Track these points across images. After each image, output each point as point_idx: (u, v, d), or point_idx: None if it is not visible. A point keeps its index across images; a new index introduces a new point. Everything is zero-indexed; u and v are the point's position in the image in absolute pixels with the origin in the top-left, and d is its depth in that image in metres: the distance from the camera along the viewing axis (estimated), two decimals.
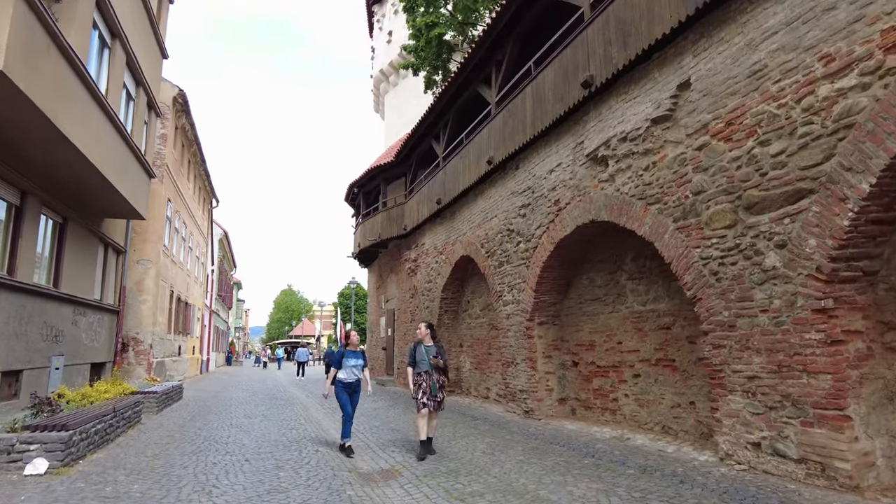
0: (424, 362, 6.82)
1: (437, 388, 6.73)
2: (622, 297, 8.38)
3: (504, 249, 10.68)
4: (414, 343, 7.09)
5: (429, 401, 6.67)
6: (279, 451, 7.04)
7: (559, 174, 8.84)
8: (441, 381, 6.84)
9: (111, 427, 7.16)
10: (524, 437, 7.92)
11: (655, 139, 6.81)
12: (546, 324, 9.69)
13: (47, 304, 10.42)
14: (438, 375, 6.80)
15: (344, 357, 7.19)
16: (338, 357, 7.19)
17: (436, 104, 13.77)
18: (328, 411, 11.60)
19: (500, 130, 10.64)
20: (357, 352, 7.33)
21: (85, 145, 9.05)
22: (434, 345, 6.97)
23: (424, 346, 6.95)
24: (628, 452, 6.62)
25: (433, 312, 14.84)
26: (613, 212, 7.48)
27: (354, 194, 22.23)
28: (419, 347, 6.95)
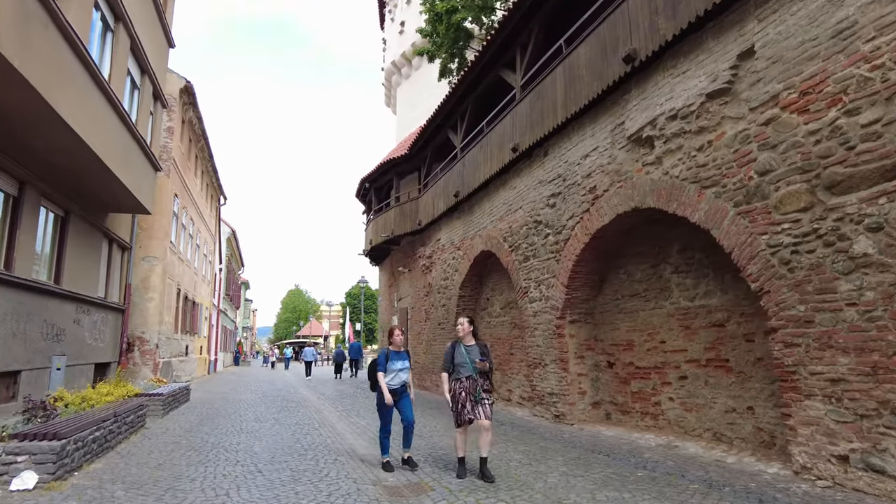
0: (466, 366, 5.63)
1: (481, 396, 5.55)
2: (666, 292, 7.70)
3: (530, 243, 10.01)
4: (451, 342, 5.88)
5: (473, 413, 5.51)
6: (294, 461, 6.42)
7: (595, 159, 8.17)
8: (486, 386, 5.67)
9: (111, 434, 6.56)
10: (560, 444, 7.26)
11: (711, 116, 6.13)
12: (578, 322, 9.02)
13: (48, 302, 9.86)
14: (483, 381, 5.64)
15: (389, 358, 6.13)
16: (382, 359, 6.14)
17: (454, 92, 13.13)
18: (342, 414, 10.99)
19: (525, 116, 9.98)
20: (402, 352, 6.24)
21: (85, 131, 8.49)
22: (477, 344, 5.81)
23: (465, 345, 5.76)
24: (683, 463, 5.94)
25: (450, 311, 14.19)
26: (661, 198, 6.80)
27: (366, 190, 21.61)
28: (458, 347, 5.77)
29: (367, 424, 9.43)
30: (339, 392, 16.49)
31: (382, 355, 6.16)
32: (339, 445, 7.51)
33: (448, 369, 5.81)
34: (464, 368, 5.65)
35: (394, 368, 6.11)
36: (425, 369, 16.19)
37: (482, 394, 5.57)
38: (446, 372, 5.83)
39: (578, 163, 8.56)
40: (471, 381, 5.60)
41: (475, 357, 5.67)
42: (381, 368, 6.08)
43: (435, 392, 14.96)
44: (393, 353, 6.16)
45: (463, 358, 5.69)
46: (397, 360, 6.15)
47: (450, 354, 5.82)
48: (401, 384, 6.16)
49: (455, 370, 5.73)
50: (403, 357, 6.23)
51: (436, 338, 15.24)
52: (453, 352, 5.79)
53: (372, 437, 8.21)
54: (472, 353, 5.72)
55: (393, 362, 6.12)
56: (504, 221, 11.15)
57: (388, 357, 6.13)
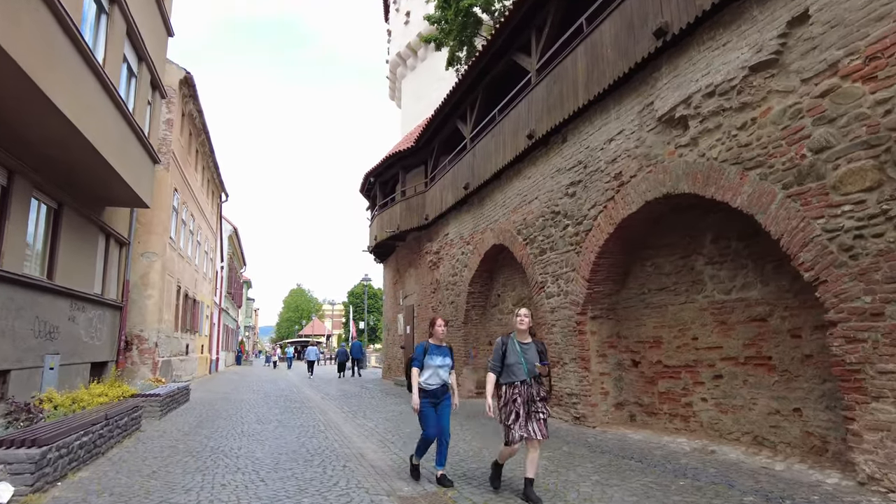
0: (521, 367, 4.58)
1: (537, 406, 4.59)
2: (698, 285, 7.17)
3: (547, 235, 9.48)
4: (501, 339, 4.81)
5: (526, 428, 4.49)
6: (300, 468, 5.90)
7: (621, 143, 7.63)
8: (542, 394, 4.69)
9: (102, 438, 6.05)
10: (586, 449, 6.73)
11: (756, 90, 5.59)
12: (600, 318, 8.49)
13: (40, 298, 9.37)
14: (538, 388, 4.67)
15: (427, 353, 5.20)
16: (420, 353, 5.25)
17: (463, 80, 12.60)
18: (348, 415, 10.48)
19: (542, 100, 9.44)
20: (444, 347, 5.31)
21: (78, 118, 8.01)
22: (534, 342, 4.76)
23: (520, 343, 4.69)
24: (726, 470, 5.41)
25: (459, 308, 13.68)
26: (697, 182, 6.27)
27: (370, 185, 21.09)
28: (511, 345, 4.69)
29: (374, 426, 8.92)
30: (343, 392, 15.99)
31: (420, 349, 5.27)
32: (346, 450, 6.99)
33: (496, 370, 4.74)
34: (518, 371, 4.62)
35: (432, 364, 5.17)
36: None
37: (538, 404, 4.59)
38: (494, 373, 4.75)
39: (602, 148, 8.02)
40: (526, 388, 4.60)
41: (532, 358, 4.64)
42: (416, 364, 5.23)
43: None
44: (433, 347, 5.25)
45: (517, 358, 4.64)
46: (437, 356, 5.22)
47: (500, 352, 4.72)
48: (441, 384, 5.21)
49: (505, 372, 4.69)
50: (445, 352, 5.29)
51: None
52: (505, 349, 4.71)
53: (381, 439, 7.70)
54: (528, 352, 4.67)
55: (432, 357, 5.20)
56: (518, 213, 10.62)
57: (427, 351, 5.21)
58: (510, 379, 4.65)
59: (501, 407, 4.63)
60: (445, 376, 5.24)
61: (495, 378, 4.75)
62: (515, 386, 4.63)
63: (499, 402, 4.68)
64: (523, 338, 4.75)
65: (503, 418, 4.63)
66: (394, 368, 20.96)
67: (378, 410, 11.14)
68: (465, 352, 13.35)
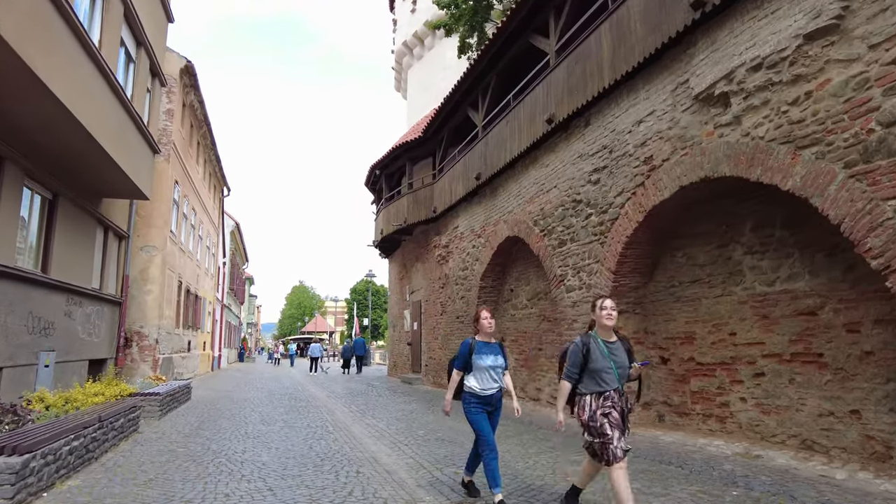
0: (610, 373, 3.71)
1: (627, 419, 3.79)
2: (736, 276, 6.67)
3: (567, 225, 8.98)
4: (580, 339, 3.85)
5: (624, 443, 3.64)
6: (310, 474, 5.42)
7: (652, 125, 7.12)
8: (630, 406, 3.86)
9: (95, 442, 5.57)
10: None
11: (811, 61, 5.08)
12: (626, 313, 7.98)
13: (34, 292, 8.91)
14: (628, 397, 3.85)
15: (474, 352, 4.35)
16: (464, 352, 4.40)
17: (475, 65, 12.08)
18: (356, 415, 10.01)
19: (562, 82, 8.93)
20: (493, 344, 4.48)
21: (71, 100, 7.54)
22: (619, 341, 3.91)
23: (605, 342, 3.79)
24: (780, 479, 4.92)
25: (470, 303, 13.19)
26: (740, 163, 5.76)
27: (376, 177, 20.58)
28: (595, 345, 3.75)
29: (384, 427, 8.45)
30: (349, 390, 15.53)
31: (465, 347, 4.40)
32: (358, 454, 6.52)
33: (574, 377, 3.80)
34: (608, 377, 3.71)
35: (481, 364, 4.32)
36: (441, 366, 15.19)
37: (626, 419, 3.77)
38: (571, 382, 3.81)
39: (630, 131, 7.51)
40: (620, 398, 3.73)
41: (622, 361, 3.78)
42: (457, 365, 4.44)
43: None
44: (480, 345, 4.38)
45: (605, 361, 3.71)
46: (487, 354, 4.35)
47: (580, 355, 3.76)
48: (497, 389, 4.38)
49: (588, 379, 3.75)
50: (496, 350, 4.43)
51: (453, 332, 14.23)
52: (587, 352, 3.75)
53: (393, 441, 7.23)
54: (616, 354, 3.78)
55: (481, 356, 4.33)
56: (534, 203, 10.12)
57: (474, 350, 4.33)
58: (599, 388, 3.71)
59: (588, 422, 3.70)
60: (499, 378, 4.40)
61: (570, 387, 3.82)
62: (609, 396, 3.69)
63: (580, 415, 3.78)
64: (608, 336, 3.84)
65: (593, 434, 3.67)
66: (400, 366, 20.51)
67: (387, 410, 10.67)
68: None
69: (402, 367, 19.98)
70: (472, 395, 4.38)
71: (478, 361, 4.35)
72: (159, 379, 11.94)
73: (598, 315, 3.85)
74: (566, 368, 3.87)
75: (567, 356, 3.90)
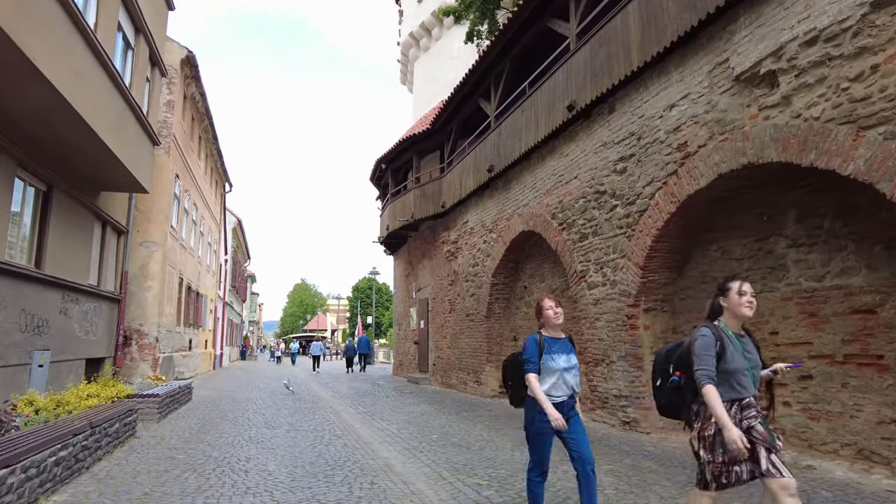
0: (747, 375, 2.89)
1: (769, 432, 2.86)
2: (779, 271, 6.18)
3: (589, 218, 8.49)
4: (709, 329, 2.97)
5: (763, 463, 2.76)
6: (321, 486, 4.95)
7: (685, 109, 6.63)
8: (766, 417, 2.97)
9: (86, 451, 5.11)
10: (653, 461, 5.76)
11: (879, 31, 4.58)
12: (654, 310, 7.51)
13: (26, 288, 8.47)
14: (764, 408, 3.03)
15: (544, 349, 3.56)
16: (535, 351, 3.56)
17: (488, 53, 11.58)
18: (364, 416, 9.55)
19: (584, 67, 8.44)
20: (564, 340, 3.70)
21: (64, 85, 7.10)
22: (748, 335, 3.06)
23: (737, 336, 2.97)
24: (844, 494, 4.44)
25: (481, 301, 12.71)
26: (790, 147, 5.27)
27: (381, 172, 20.09)
28: (730, 341, 2.93)
29: (396, 431, 7.98)
30: (354, 390, 15.08)
31: (533, 344, 3.60)
32: (370, 461, 6.05)
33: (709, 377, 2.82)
34: (745, 380, 2.88)
35: (555, 367, 3.55)
36: (450, 365, 14.74)
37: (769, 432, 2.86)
38: (714, 382, 2.81)
39: (661, 116, 7.02)
40: (756, 406, 2.92)
41: (756, 358, 2.98)
42: (532, 367, 3.57)
43: (463, 390, 13.52)
44: (549, 341, 3.62)
45: (741, 360, 2.89)
46: (559, 352, 3.59)
47: (710, 351, 2.87)
48: (568, 395, 3.60)
49: (724, 382, 2.87)
50: (568, 347, 3.68)
51: (463, 330, 13.76)
52: (721, 348, 2.88)
53: (406, 447, 6.77)
54: (749, 350, 2.97)
55: (552, 356, 3.57)
56: (552, 195, 9.63)
57: (543, 347, 3.58)
58: (736, 394, 2.86)
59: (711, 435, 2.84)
60: (574, 382, 3.63)
61: (713, 391, 2.78)
62: (749, 405, 2.87)
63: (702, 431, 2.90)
64: (738, 328, 3.00)
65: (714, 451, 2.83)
66: (406, 365, 20.06)
67: (396, 411, 10.21)
68: (488, 348, 12.39)
69: (409, 367, 19.52)
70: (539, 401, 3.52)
71: (549, 363, 3.54)
72: (159, 379, 11.50)
73: (736, 302, 2.95)
74: (703, 368, 2.83)
75: (695, 352, 2.89)
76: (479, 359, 12.64)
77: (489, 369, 12.27)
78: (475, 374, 12.85)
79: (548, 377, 3.57)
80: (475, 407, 10.60)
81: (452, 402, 11.69)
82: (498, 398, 11.94)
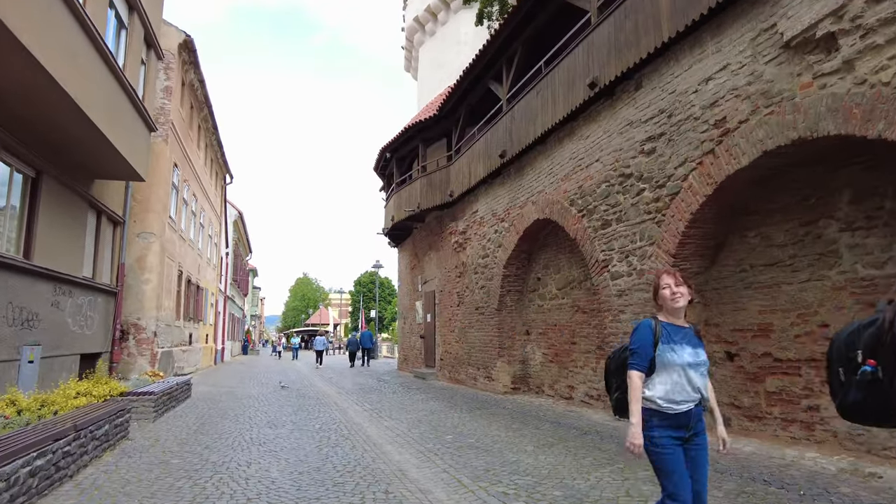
0: None
1: None
2: (830, 257, 5.64)
3: (612, 203, 7.95)
4: None
5: None
6: (330, 497, 4.45)
7: (724, 81, 6.07)
8: None
9: (69, 457, 4.60)
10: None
11: None
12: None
13: (14, 279, 7.98)
14: None
15: (660, 341, 2.70)
16: (646, 341, 2.72)
17: (499, 33, 11.00)
18: (372, 414, 9.06)
19: (607, 41, 7.87)
20: (688, 329, 2.82)
21: (49, 60, 6.59)
22: None
23: None
24: None
25: (491, 293, 12.19)
26: (851, 118, 4.72)
27: (386, 161, 19.53)
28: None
29: (406, 431, 7.49)
30: (359, 385, 14.59)
31: (645, 330, 2.74)
32: (382, 465, 5.55)
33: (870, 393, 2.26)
34: None
35: (676, 360, 2.67)
36: (459, 360, 14.24)
37: None
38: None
39: (696, 90, 6.45)
40: None
41: None
42: (638, 364, 2.71)
43: (473, 386, 13.01)
44: (669, 329, 2.74)
45: None
46: (682, 345, 2.71)
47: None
48: (694, 402, 2.71)
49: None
50: (692, 339, 2.78)
51: (472, 324, 13.25)
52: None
53: (420, 450, 6.27)
54: None
55: (672, 347, 2.69)
56: (571, 181, 9.08)
57: (659, 337, 2.70)
58: None
59: None
60: (702, 384, 2.71)
61: None
62: None
63: None
64: None
65: None
66: (411, 360, 19.57)
67: (404, 409, 9.71)
68: (499, 342, 11.88)
69: (414, 361, 19.03)
70: (654, 413, 2.67)
71: (668, 356, 2.65)
72: (156, 375, 11.01)
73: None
74: None
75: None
76: (490, 353, 12.13)
77: (501, 364, 11.76)
78: (486, 369, 12.34)
79: (665, 375, 2.64)
80: (488, 404, 10.10)
81: (463, 398, 11.19)
82: (510, 394, 11.43)
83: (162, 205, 14.42)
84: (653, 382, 2.70)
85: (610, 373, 2.99)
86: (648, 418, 2.67)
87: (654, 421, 2.67)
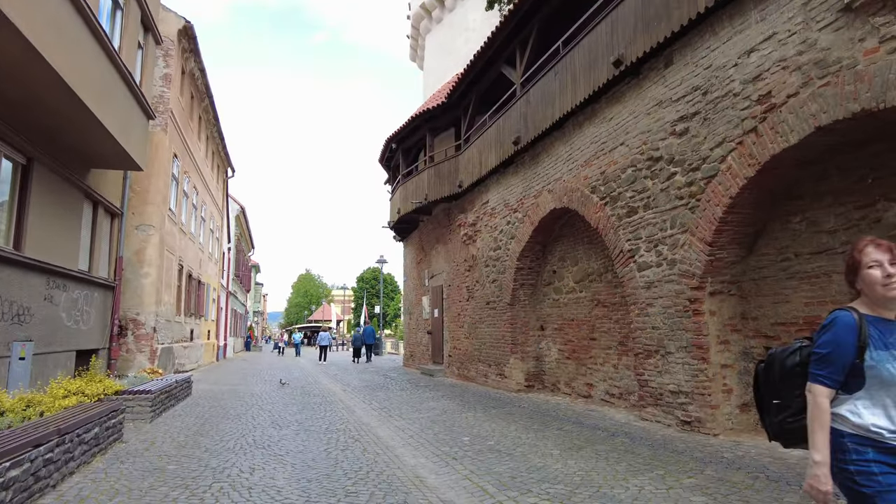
0: None
1: None
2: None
3: (640, 189, 7.44)
4: None
5: None
6: None
7: (769, 52, 5.55)
8: None
9: (51, 465, 4.13)
10: (743, 474, 4.74)
11: None
12: (721, 293, 6.48)
13: (2, 272, 7.58)
14: None
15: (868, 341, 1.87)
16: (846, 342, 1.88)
17: (513, 14, 10.47)
18: (381, 413, 8.60)
19: (633, 15, 7.34)
20: None
21: (36, 35, 6.13)
22: None
23: None
24: None
25: (504, 287, 11.70)
26: None
27: (391, 152, 19.02)
28: None
29: (418, 432, 7.03)
30: (365, 383, 14.13)
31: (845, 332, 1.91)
32: (397, 471, 5.08)
33: None
34: None
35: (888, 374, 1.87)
36: (468, 357, 13.76)
37: None
38: None
39: (735, 64, 5.93)
40: None
41: None
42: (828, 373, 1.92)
43: (484, 384, 12.53)
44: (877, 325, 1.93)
45: None
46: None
47: None
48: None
49: None
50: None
51: (483, 319, 12.77)
52: None
53: (436, 453, 5.80)
54: None
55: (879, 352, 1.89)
56: (592, 166, 8.57)
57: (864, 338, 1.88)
58: None
59: None
60: None
61: None
62: None
63: None
64: None
65: None
66: (418, 356, 19.11)
67: (415, 408, 9.24)
68: (512, 338, 11.39)
69: (421, 358, 18.57)
70: (866, 442, 1.89)
71: (886, 367, 1.87)
72: (155, 372, 10.57)
73: None
74: None
75: None
76: (503, 350, 11.65)
77: (514, 361, 11.28)
78: (498, 366, 11.86)
79: (879, 392, 1.87)
80: (502, 403, 9.63)
81: (474, 396, 10.72)
82: (524, 392, 10.96)
83: (161, 196, 13.95)
84: (860, 403, 1.91)
85: (769, 383, 2.18)
86: (857, 448, 1.89)
87: (870, 452, 1.87)
